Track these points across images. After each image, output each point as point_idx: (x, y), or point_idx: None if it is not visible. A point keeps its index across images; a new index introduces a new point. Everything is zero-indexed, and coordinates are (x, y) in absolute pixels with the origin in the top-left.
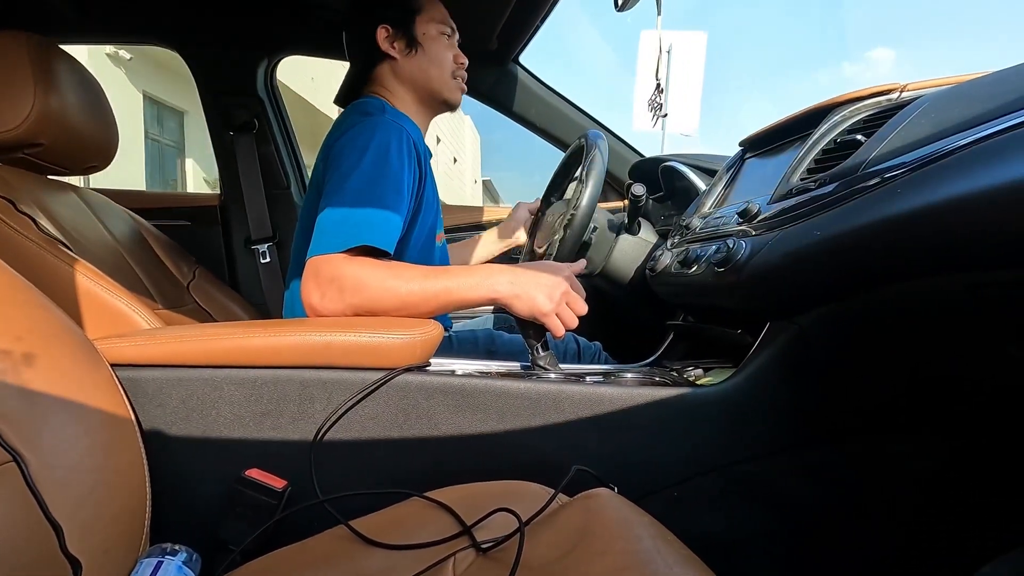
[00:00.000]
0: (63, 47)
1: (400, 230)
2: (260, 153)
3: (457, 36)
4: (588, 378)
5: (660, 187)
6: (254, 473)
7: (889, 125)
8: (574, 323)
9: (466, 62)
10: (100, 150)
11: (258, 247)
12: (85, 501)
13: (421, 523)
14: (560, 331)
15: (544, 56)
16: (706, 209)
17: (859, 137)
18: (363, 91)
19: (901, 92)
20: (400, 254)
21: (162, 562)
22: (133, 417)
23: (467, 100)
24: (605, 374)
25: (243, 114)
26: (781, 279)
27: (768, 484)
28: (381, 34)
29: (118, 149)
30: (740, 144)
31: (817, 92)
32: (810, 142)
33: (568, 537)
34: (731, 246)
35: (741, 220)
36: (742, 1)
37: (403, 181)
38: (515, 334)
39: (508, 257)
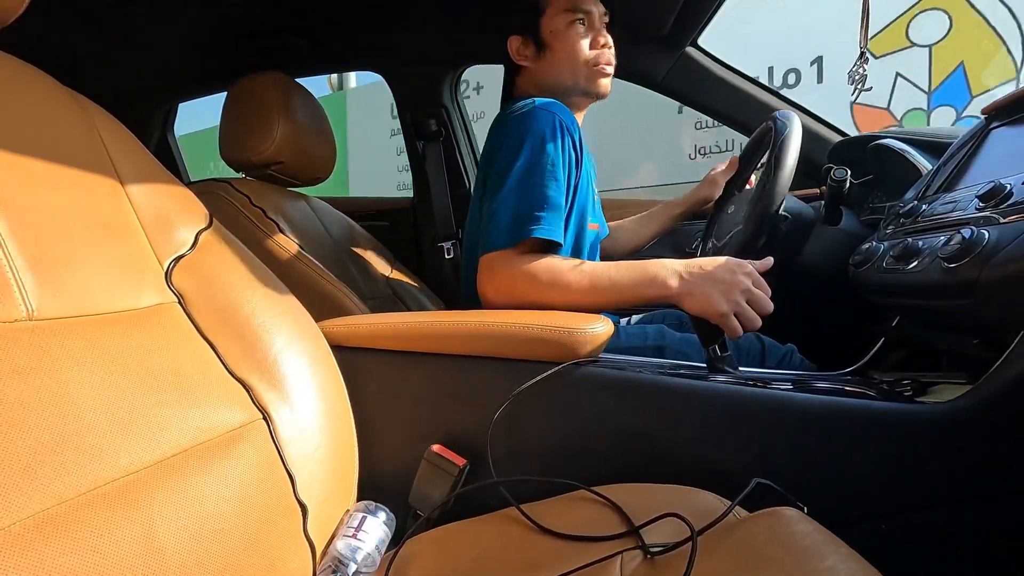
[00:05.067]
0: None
1: (564, 218)
2: (446, 158)
3: (598, 11)
4: (774, 383)
5: (867, 170)
6: (439, 449)
7: None
8: (756, 324)
9: (608, 42)
10: (324, 164)
11: (443, 244)
12: (310, 457)
13: (587, 517)
14: (738, 332)
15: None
16: (932, 192)
17: None
18: (514, 95)
19: None
20: None
21: (366, 516)
22: (345, 390)
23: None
24: (795, 381)
25: (431, 123)
26: None
27: (1006, 533)
28: (513, 45)
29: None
30: (983, 112)
31: None
32: None
33: (746, 556)
34: (968, 236)
35: (983, 204)
36: None
37: (559, 167)
38: (686, 332)
39: (683, 252)
